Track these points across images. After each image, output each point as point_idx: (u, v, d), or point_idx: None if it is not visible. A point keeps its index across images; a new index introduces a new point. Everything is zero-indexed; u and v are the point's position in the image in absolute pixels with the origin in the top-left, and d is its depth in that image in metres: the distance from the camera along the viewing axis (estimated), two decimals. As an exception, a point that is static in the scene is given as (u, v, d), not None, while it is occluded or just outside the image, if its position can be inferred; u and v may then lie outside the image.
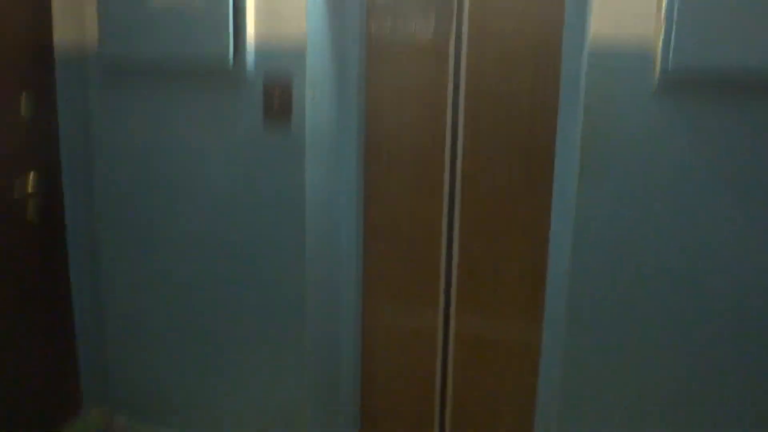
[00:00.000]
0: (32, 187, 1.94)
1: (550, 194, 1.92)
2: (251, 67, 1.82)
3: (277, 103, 1.82)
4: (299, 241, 1.89)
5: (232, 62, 1.80)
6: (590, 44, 1.56)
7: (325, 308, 2.10)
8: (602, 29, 1.55)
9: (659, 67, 1.50)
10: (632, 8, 1.52)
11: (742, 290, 1.56)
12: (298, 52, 1.78)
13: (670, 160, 1.56)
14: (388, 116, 2.11)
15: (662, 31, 1.48)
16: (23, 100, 1.90)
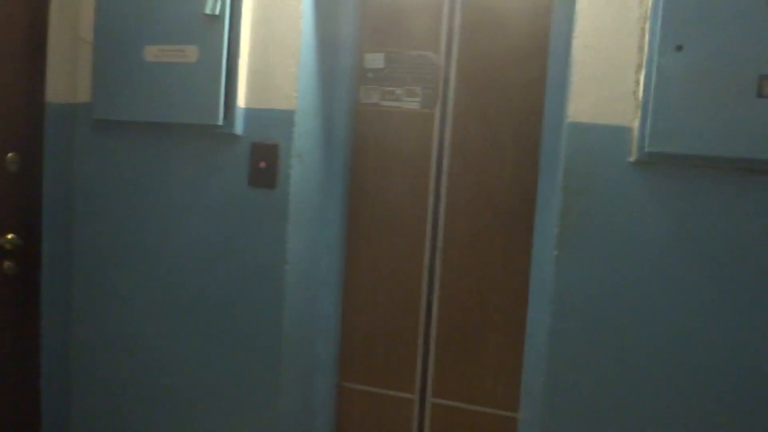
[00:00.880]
0: (10, 245, 1.90)
1: (527, 267, 1.95)
2: (240, 129, 1.85)
3: (263, 166, 1.84)
4: (277, 306, 1.87)
5: (221, 123, 1.81)
6: (568, 124, 1.61)
7: (301, 378, 2.06)
8: (580, 111, 1.60)
9: (636, 147, 1.55)
10: (609, 93, 1.58)
11: (719, 362, 1.56)
12: (287, 118, 1.82)
13: (647, 232, 1.58)
14: (372, 182, 2.15)
15: (638, 115, 1.54)
16: (10, 158, 1.90)
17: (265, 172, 1.84)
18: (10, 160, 1.91)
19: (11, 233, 1.92)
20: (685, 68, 1.47)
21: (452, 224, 2.07)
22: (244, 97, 1.85)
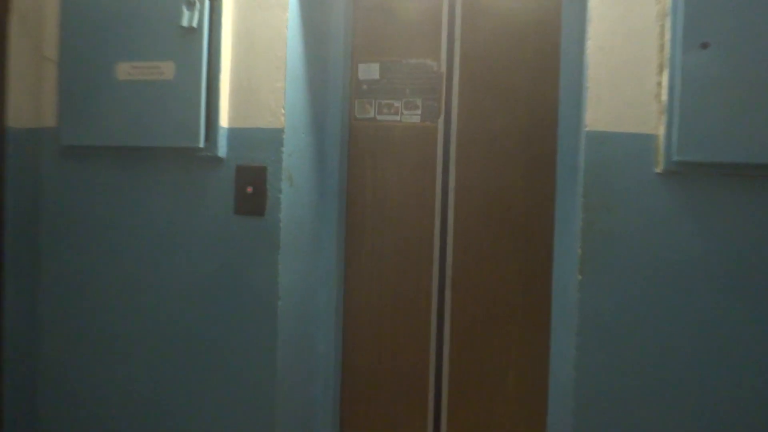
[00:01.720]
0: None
1: (548, 293, 1.91)
2: (223, 152, 1.82)
3: (250, 191, 1.81)
4: (270, 346, 1.82)
5: (203, 146, 1.78)
6: (586, 133, 1.60)
7: (298, 425, 1.99)
8: (598, 118, 1.59)
9: (662, 156, 1.53)
10: (629, 97, 1.57)
11: (753, 385, 1.53)
12: (274, 137, 1.80)
13: (678, 251, 1.56)
14: (371, 204, 2.12)
15: (663, 121, 1.54)
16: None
17: (252, 197, 1.81)
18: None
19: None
20: (712, 67, 1.46)
21: (462, 248, 2.04)
22: (227, 116, 1.83)
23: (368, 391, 2.14)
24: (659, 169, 1.55)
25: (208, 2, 1.77)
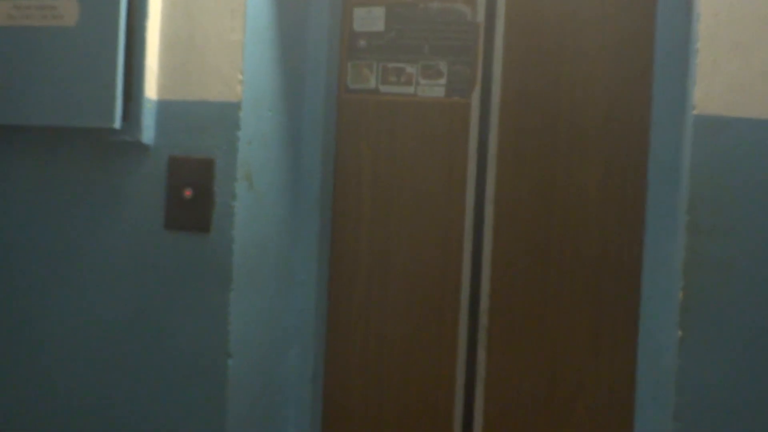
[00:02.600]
0: None
1: (632, 357, 1.90)
2: (150, 136, 1.77)
3: (189, 194, 1.77)
4: (216, 424, 1.78)
5: (119, 127, 1.72)
6: (694, 118, 1.56)
7: None
8: (712, 97, 1.55)
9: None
10: (756, 67, 1.53)
11: None
12: (227, 116, 1.74)
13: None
14: (368, 218, 2.08)
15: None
16: None
17: (191, 205, 1.75)
18: None
19: None
20: None
21: (504, 286, 1.98)
22: (155, 82, 1.77)
23: None
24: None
25: None
